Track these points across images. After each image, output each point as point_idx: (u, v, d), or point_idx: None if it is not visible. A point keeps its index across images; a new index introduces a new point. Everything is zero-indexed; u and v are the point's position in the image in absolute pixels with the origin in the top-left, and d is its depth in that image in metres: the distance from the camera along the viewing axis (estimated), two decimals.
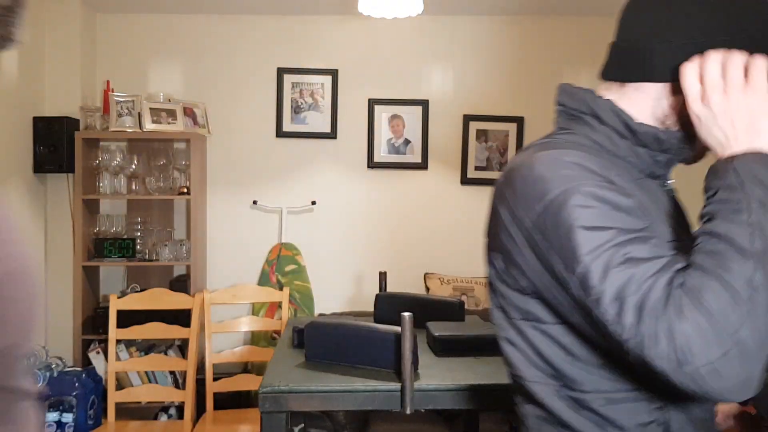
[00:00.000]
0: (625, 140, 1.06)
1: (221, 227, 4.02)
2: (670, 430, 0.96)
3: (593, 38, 4.05)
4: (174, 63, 4.03)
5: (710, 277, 0.79)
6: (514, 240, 0.94)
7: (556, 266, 0.88)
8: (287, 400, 1.48)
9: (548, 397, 0.99)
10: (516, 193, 0.94)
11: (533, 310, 0.98)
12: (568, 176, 0.91)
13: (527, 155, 1.00)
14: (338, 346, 1.69)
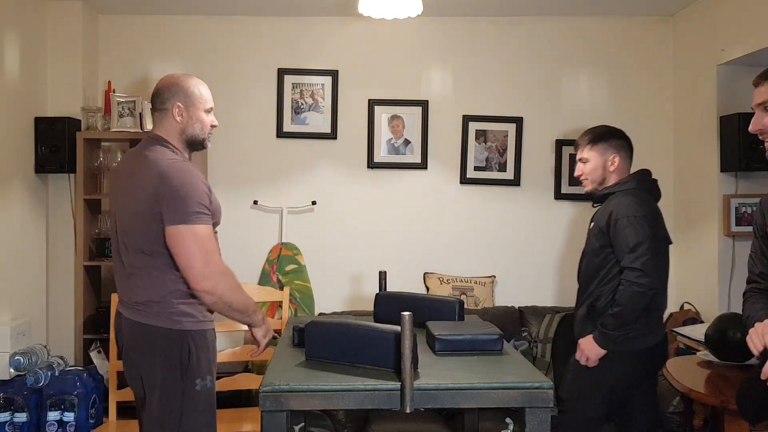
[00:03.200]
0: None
1: (222, 227, 4.00)
2: None
3: (592, 39, 4.06)
4: (175, 64, 4.04)
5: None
6: None
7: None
8: (288, 399, 1.49)
9: None
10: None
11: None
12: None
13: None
14: (338, 346, 1.70)
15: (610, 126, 2.77)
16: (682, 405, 3.10)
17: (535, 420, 1.52)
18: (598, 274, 2.53)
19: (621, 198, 2.53)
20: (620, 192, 2.57)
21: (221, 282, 2.00)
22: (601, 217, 2.57)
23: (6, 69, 3.41)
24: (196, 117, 2.14)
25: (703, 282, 3.73)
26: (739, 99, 3.55)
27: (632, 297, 2.38)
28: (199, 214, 1.98)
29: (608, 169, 2.64)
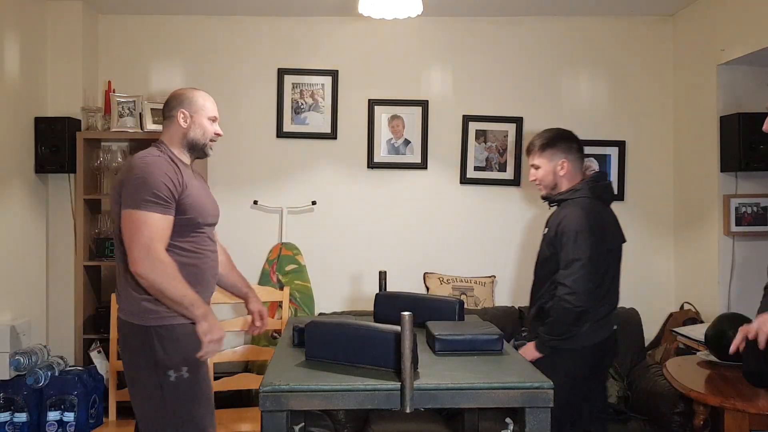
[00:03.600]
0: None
1: (222, 227, 4.00)
2: None
3: (592, 39, 4.06)
4: (175, 64, 4.04)
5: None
6: None
7: None
8: (288, 399, 1.49)
9: None
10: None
11: None
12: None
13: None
14: (338, 346, 1.70)
15: (559, 129, 2.84)
16: (682, 405, 3.10)
17: (535, 420, 1.52)
18: (548, 279, 2.62)
19: (571, 208, 2.59)
20: (571, 201, 2.63)
21: (156, 268, 2.07)
22: (552, 224, 2.64)
23: (6, 69, 3.41)
24: (198, 123, 2.33)
25: (703, 282, 3.73)
26: (739, 99, 3.55)
27: (561, 312, 2.48)
28: (152, 202, 2.10)
29: (558, 174, 2.70)
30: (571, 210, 2.57)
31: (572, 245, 2.49)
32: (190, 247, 2.24)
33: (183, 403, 2.15)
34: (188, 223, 2.22)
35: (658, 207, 4.06)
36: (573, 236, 2.50)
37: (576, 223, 2.52)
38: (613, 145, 4.04)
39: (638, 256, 4.04)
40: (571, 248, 2.49)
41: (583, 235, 2.50)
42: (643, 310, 3.81)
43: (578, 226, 2.51)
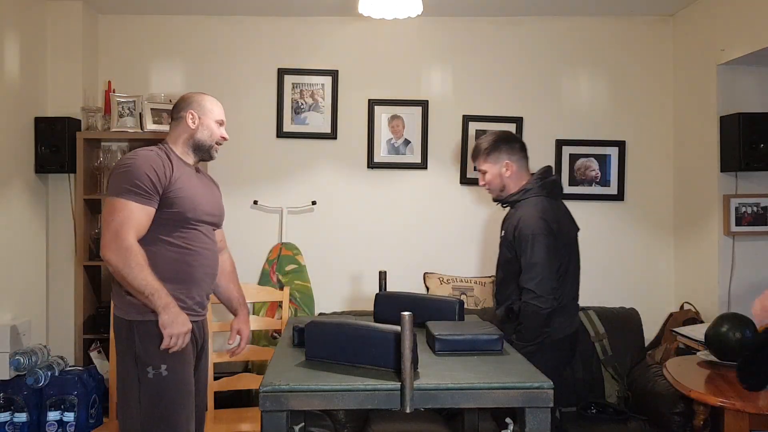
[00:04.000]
0: None
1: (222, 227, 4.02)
2: None
3: (592, 39, 4.06)
4: (175, 64, 4.04)
5: None
6: None
7: None
8: (288, 399, 1.49)
9: None
10: None
11: None
12: None
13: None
14: (338, 346, 1.70)
15: (501, 131, 2.89)
16: (682, 405, 3.10)
17: (535, 420, 1.52)
18: (513, 280, 2.67)
19: (525, 209, 2.66)
20: (524, 202, 2.70)
21: (121, 255, 2.10)
22: (509, 227, 2.70)
23: (6, 69, 3.41)
24: (206, 125, 2.41)
25: (703, 282, 3.73)
26: (739, 99, 3.55)
27: (530, 316, 2.54)
28: (132, 192, 2.15)
29: (505, 176, 2.76)
30: (525, 211, 2.64)
31: (531, 249, 2.56)
32: (179, 242, 2.25)
33: (158, 401, 2.16)
34: (176, 218, 2.24)
35: (658, 207, 4.06)
36: (530, 239, 2.56)
37: (532, 226, 2.58)
38: (613, 145, 4.04)
39: (638, 256, 4.05)
40: (530, 252, 2.56)
41: (539, 237, 2.56)
42: (643, 310, 3.81)
43: (534, 229, 2.58)
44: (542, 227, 2.58)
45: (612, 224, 4.05)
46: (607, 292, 3.99)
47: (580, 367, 3.58)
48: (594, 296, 3.97)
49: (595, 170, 4.05)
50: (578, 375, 3.56)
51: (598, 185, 4.05)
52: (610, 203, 4.05)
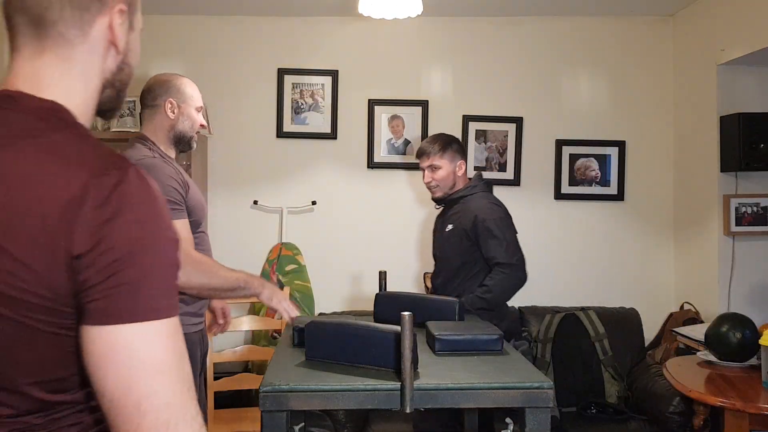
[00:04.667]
0: None
1: (222, 227, 4.03)
2: None
3: (592, 39, 4.06)
4: (175, 64, 4.04)
5: None
6: None
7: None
8: (288, 399, 1.49)
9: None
10: None
11: None
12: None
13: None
14: (338, 346, 1.70)
15: (445, 134, 3.04)
16: (682, 405, 3.10)
17: (535, 420, 1.52)
18: (462, 272, 2.84)
19: (478, 201, 2.86)
20: (472, 196, 2.89)
21: (194, 273, 1.93)
22: (461, 219, 2.84)
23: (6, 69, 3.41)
24: (187, 114, 2.19)
25: (703, 282, 3.73)
26: (739, 99, 3.55)
27: (511, 286, 2.81)
28: (170, 210, 1.98)
29: (457, 175, 2.92)
30: (480, 203, 2.84)
31: (500, 231, 2.78)
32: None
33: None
34: (192, 226, 2.14)
35: (658, 207, 4.06)
36: (498, 223, 2.77)
37: (495, 212, 2.82)
38: (613, 145, 4.04)
39: (638, 256, 4.05)
40: (501, 234, 2.77)
41: (505, 220, 2.82)
42: (643, 310, 3.81)
43: (498, 213, 2.81)
44: (503, 213, 2.85)
45: (612, 224, 4.05)
46: (607, 292, 3.99)
47: (580, 367, 3.58)
48: (594, 296, 3.97)
49: (595, 170, 4.05)
50: (578, 375, 3.56)
51: (598, 185, 4.05)
52: (610, 203, 4.05)
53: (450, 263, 2.91)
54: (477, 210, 2.82)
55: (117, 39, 0.92)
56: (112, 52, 0.94)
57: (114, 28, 0.91)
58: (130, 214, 0.79)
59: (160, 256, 0.81)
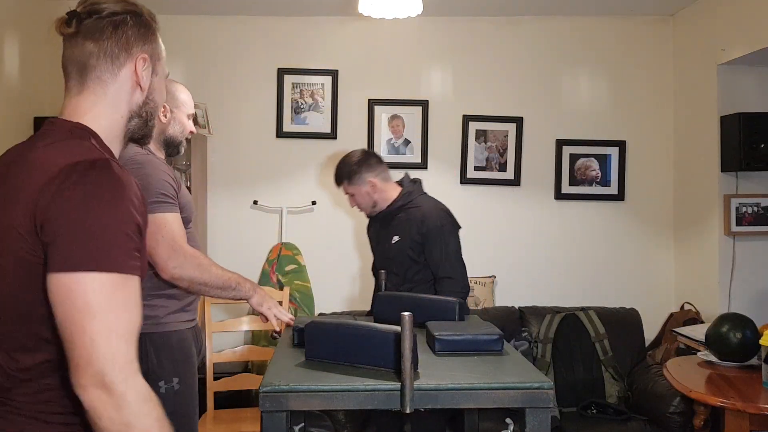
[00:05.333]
0: None
1: (222, 227, 4.03)
2: None
3: (592, 39, 4.06)
4: (175, 63, 4.04)
5: None
6: None
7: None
8: (287, 400, 1.49)
9: None
10: None
11: None
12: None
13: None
14: (338, 346, 1.69)
15: (356, 153, 2.90)
16: (682, 405, 3.10)
17: (535, 420, 1.52)
18: (410, 281, 2.75)
19: (423, 208, 2.75)
20: (414, 202, 2.78)
21: (187, 266, 1.95)
22: (408, 229, 2.74)
23: (6, 69, 3.41)
24: (178, 119, 2.19)
25: (704, 282, 3.73)
26: (740, 99, 3.55)
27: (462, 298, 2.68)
28: (160, 203, 1.96)
29: (373, 195, 2.83)
30: (425, 209, 2.75)
31: (443, 241, 2.69)
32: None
33: (170, 417, 1.99)
34: (183, 223, 2.12)
35: (658, 207, 4.06)
36: (442, 231, 2.70)
37: (441, 219, 2.73)
38: (613, 145, 4.04)
39: (638, 256, 4.05)
40: (443, 244, 2.69)
41: (448, 227, 2.73)
42: (644, 310, 3.81)
43: (442, 221, 2.73)
44: (449, 219, 2.76)
45: (612, 224, 4.05)
46: (607, 292, 3.99)
47: (581, 367, 3.58)
48: (594, 296, 3.97)
49: (595, 170, 4.05)
50: (578, 375, 3.56)
51: (598, 185, 4.05)
52: (610, 203, 4.05)
53: (398, 270, 2.77)
54: (426, 216, 2.73)
55: (141, 80, 1.23)
56: (137, 89, 1.24)
57: (138, 71, 1.22)
58: (83, 187, 1.04)
59: (106, 220, 1.03)
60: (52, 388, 1.09)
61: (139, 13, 1.25)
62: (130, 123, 1.25)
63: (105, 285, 1.02)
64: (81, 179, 1.05)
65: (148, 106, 1.27)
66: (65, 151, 1.10)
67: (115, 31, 1.21)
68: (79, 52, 1.21)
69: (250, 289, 2.09)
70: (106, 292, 1.02)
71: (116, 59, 1.20)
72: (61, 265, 1.02)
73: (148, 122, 1.28)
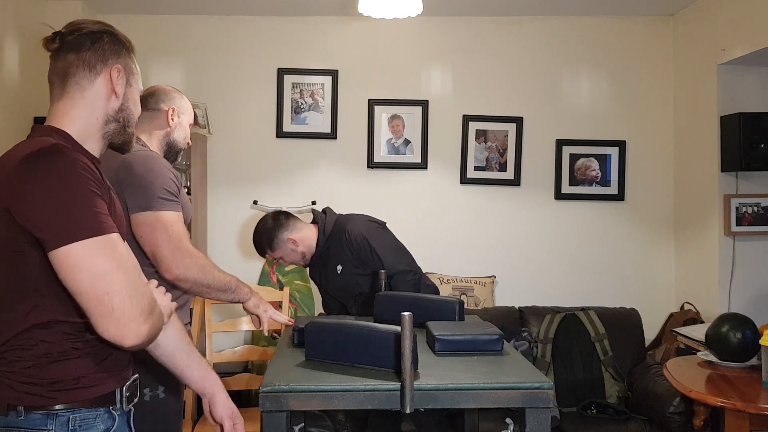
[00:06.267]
0: None
1: (222, 227, 4.03)
2: None
3: (592, 39, 4.06)
4: (175, 64, 4.04)
5: None
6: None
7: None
8: (287, 400, 1.49)
9: None
10: None
11: None
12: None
13: None
14: (338, 346, 1.69)
15: (262, 223, 2.88)
16: (682, 405, 3.10)
17: (535, 420, 1.52)
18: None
19: (345, 231, 2.79)
20: (336, 233, 2.82)
21: (191, 266, 1.91)
22: (342, 254, 2.79)
23: (6, 69, 3.41)
24: (183, 125, 2.17)
25: (704, 282, 3.73)
26: (740, 99, 3.55)
27: (425, 287, 2.78)
28: (165, 200, 1.91)
29: (297, 249, 2.84)
30: (347, 232, 2.78)
31: (379, 244, 2.76)
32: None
33: (153, 425, 1.90)
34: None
35: (658, 207, 4.06)
36: (372, 239, 2.76)
37: (364, 230, 2.78)
38: (613, 145, 4.04)
39: (638, 256, 4.05)
40: (381, 246, 2.76)
41: (376, 231, 2.81)
42: (644, 310, 3.81)
43: (367, 230, 2.79)
44: (369, 225, 2.82)
45: (612, 224, 4.05)
46: (607, 292, 3.99)
47: (581, 367, 3.58)
48: (594, 296, 3.97)
49: (595, 170, 4.05)
50: (578, 375, 3.56)
51: (598, 185, 4.05)
52: (610, 203, 4.05)
53: (360, 295, 2.81)
54: (350, 235, 2.77)
55: (115, 87, 1.38)
56: (113, 96, 1.38)
57: (113, 79, 1.37)
58: (39, 171, 1.20)
59: (66, 195, 1.19)
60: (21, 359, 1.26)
61: (115, 33, 1.41)
62: (108, 126, 1.39)
63: (93, 248, 1.19)
64: (36, 165, 1.20)
65: (123, 112, 1.40)
66: (24, 146, 1.27)
67: (92, 45, 1.36)
68: (62, 64, 1.36)
69: (247, 292, 2.09)
70: (97, 253, 1.19)
71: (93, 68, 1.36)
72: (52, 244, 1.18)
73: (125, 128, 1.42)
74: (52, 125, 1.34)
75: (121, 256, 1.24)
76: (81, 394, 1.28)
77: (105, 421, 1.32)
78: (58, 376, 1.26)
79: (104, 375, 1.32)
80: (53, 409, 1.25)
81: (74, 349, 1.27)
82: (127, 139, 1.45)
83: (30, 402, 1.24)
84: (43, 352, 1.25)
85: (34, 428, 1.25)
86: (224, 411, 1.60)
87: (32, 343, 1.25)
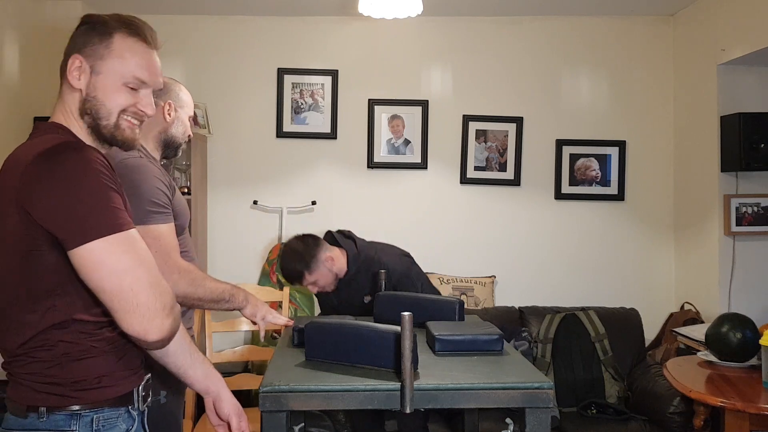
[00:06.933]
0: None
1: (222, 227, 4.03)
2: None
3: (592, 39, 4.06)
4: (175, 63, 4.04)
5: None
6: None
7: None
8: (287, 400, 1.49)
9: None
10: None
11: None
12: None
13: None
14: (338, 346, 1.69)
15: (292, 247, 2.77)
16: (682, 405, 3.10)
17: (535, 420, 1.52)
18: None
19: (381, 259, 2.79)
20: (366, 258, 2.79)
21: (180, 281, 1.86)
22: (370, 288, 2.75)
23: (6, 69, 3.41)
24: (181, 119, 2.11)
25: (704, 282, 3.73)
26: (740, 99, 3.55)
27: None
28: (153, 213, 1.86)
29: (333, 269, 2.76)
30: (383, 263, 2.76)
31: (414, 282, 2.78)
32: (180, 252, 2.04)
33: (154, 429, 1.82)
34: (177, 229, 2.01)
35: (658, 207, 4.06)
36: (407, 278, 2.77)
37: (400, 267, 2.80)
38: (613, 145, 4.04)
39: (638, 256, 4.05)
40: (416, 282, 2.78)
41: (409, 269, 2.83)
42: (644, 310, 3.81)
43: (402, 268, 2.80)
44: (405, 260, 2.86)
45: (612, 224, 4.05)
46: (607, 292, 3.99)
47: (581, 367, 3.58)
48: (594, 296, 3.98)
49: (595, 170, 4.05)
50: (578, 375, 3.56)
51: (598, 185, 4.05)
52: (610, 203, 4.05)
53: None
54: (390, 270, 2.70)
55: (71, 77, 1.38)
56: (73, 87, 1.39)
57: (69, 69, 1.38)
58: (55, 170, 1.19)
59: (82, 194, 1.19)
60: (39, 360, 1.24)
61: (94, 21, 1.39)
62: (85, 119, 1.38)
63: (114, 245, 1.18)
64: (50, 163, 1.19)
65: (89, 103, 1.37)
66: (35, 144, 1.26)
67: (71, 38, 1.39)
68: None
69: (243, 300, 2.05)
70: (119, 250, 1.19)
71: (66, 65, 1.39)
72: (72, 242, 1.17)
73: (96, 121, 1.37)
74: (53, 122, 1.36)
75: (141, 251, 1.24)
76: (104, 394, 1.27)
77: (126, 420, 1.32)
78: (81, 374, 1.25)
79: (124, 373, 1.31)
80: (76, 410, 1.24)
81: (93, 347, 1.26)
82: (113, 133, 1.38)
83: (53, 402, 1.22)
84: (63, 351, 1.23)
85: (56, 429, 1.23)
86: (231, 408, 1.56)
87: (51, 344, 1.23)
